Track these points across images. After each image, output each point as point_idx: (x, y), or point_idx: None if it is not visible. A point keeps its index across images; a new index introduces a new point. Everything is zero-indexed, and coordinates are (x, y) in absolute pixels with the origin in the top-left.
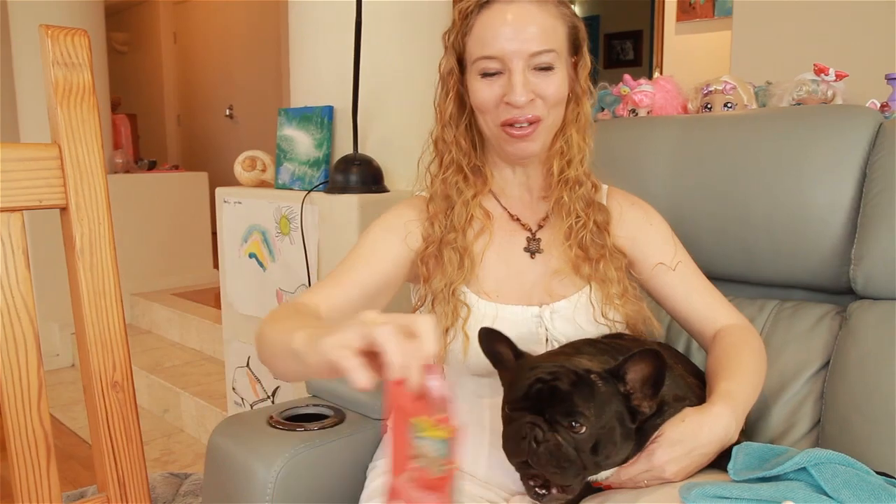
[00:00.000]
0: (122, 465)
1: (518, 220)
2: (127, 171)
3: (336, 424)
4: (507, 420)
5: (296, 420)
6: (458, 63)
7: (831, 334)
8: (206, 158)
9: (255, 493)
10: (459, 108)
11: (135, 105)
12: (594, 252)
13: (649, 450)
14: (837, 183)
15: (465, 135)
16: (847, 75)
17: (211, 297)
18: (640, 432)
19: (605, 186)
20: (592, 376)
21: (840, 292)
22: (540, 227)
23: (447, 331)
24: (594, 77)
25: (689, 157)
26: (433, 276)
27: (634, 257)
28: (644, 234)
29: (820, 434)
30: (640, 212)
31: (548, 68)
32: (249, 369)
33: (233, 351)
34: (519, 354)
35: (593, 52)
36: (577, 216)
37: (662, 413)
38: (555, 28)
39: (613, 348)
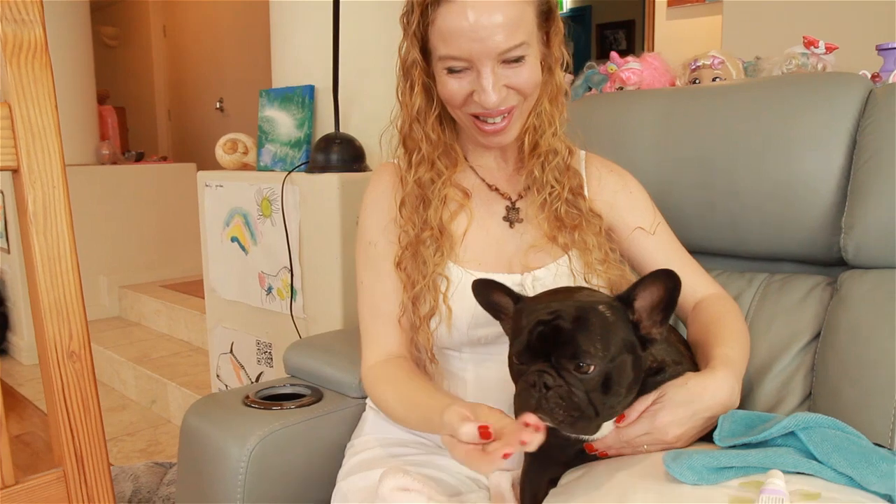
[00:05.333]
0: (80, 439)
1: (496, 189)
2: (114, 163)
3: (313, 403)
4: (517, 373)
5: (273, 400)
6: (422, 52)
7: (822, 305)
8: (196, 152)
9: (228, 472)
10: (427, 101)
11: (125, 99)
12: (570, 221)
13: (651, 410)
14: (827, 151)
15: (435, 126)
16: (837, 48)
17: (200, 289)
18: (641, 390)
19: (582, 153)
20: (600, 307)
21: (830, 263)
22: (520, 197)
23: (431, 318)
24: (579, 52)
25: (675, 129)
26: (411, 282)
27: (612, 222)
28: (622, 199)
29: (811, 406)
30: (618, 177)
31: (519, 59)
32: (233, 356)
33: (216, 337)
34: (518, 299)
35: (585, 42)
36: (552, 187)
37: (663, 372)
38: (522, 13)
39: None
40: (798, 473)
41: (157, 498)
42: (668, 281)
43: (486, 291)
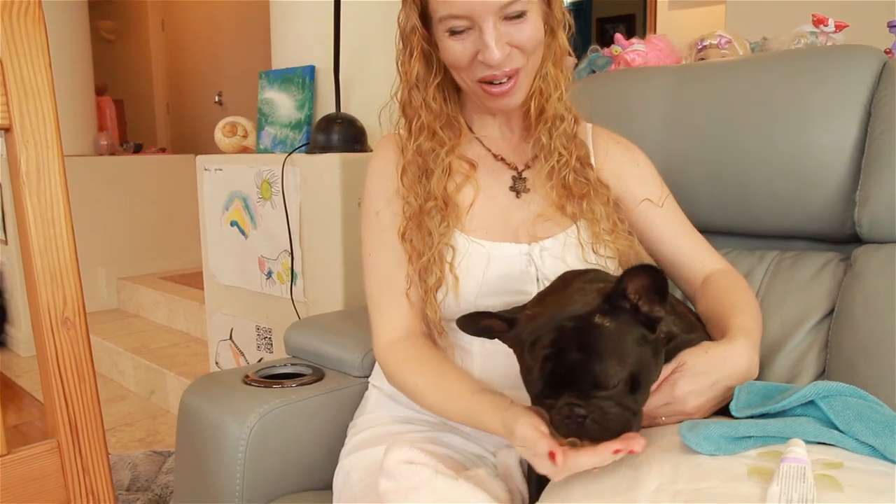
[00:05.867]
0: (75, 408)
1: (502, 159)
2: (112, 154)
3: (314, 382)
4: (546, 408)
5: (273, 379)
6: (421, 18)
7: (835, 281)
8: (195, 146)
9: (228, 450)
10: (426, 68)
11: (123, 93)
12: (577, 190)
13: (671, 380)
14: (840, 124)
15: (436, 94)
16: (847, 25)
17: (199, 280)
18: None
19: (588, 125)
20: (595, 319)
21: (843, 240)
22: (527, 167)
23: (438, 290)
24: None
25: (684, 106)
26: (417, 251)
27: (619, 194)
28: (629, 170)
29: None
30: (625, 150)
31: (520, 15)
32: (232, 342)
33: (215, 324)
34: (510, 321)
35: (585, 36)
36: (559, 154)
37: (676, 338)
38: None
39: (598, 273)
40: (819, 443)
41: (156, 486)
42: (648, 272)
43: (476, 323)
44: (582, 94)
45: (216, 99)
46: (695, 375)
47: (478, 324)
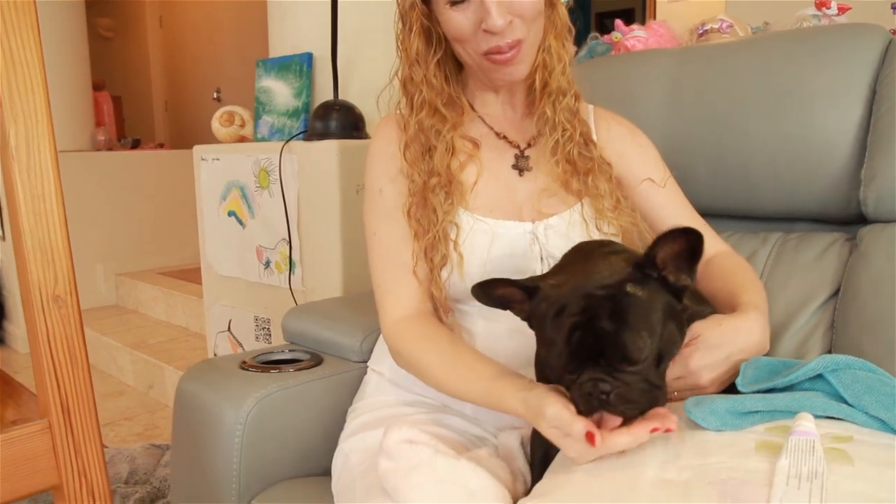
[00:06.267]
0: (66, 388)
1: (505, 137)
2: (110, 149)
3: (313, 367)
4: (568, 381)
5: (271, 365)
6: None
7: (840, 262)
8: (193, 142)
9: (224, 435)
10: (426, 44)
11: (121, 91)
12: (582, 165)
13: (684, 354)
14: (845, 103)
15: (437, 71)
16: (850, 8)
17: (198, 276)
18: None
19: (590, 107)
20: (627, 287)
21: (847, 221)
22: (529, 145)
23: (442, 268)
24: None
25: (686, 88)
26: (422, 228)
27: (621, 173)
28: (631, 150)
29: None
30: (627, 130)
31: None
32: (230, 333)
33: (214, 316)
34: (530, 290)
35: (585, 29)
36: (564, 129)
37: (687, 310)
38: None
39: (618, 244)
40: (828, 418)
41: (154, 479)
42: (689, 236)
43: (490, 291)
44: (582, 79)
45: (214, 95)
46: (709, 348)
47: (494, 292)
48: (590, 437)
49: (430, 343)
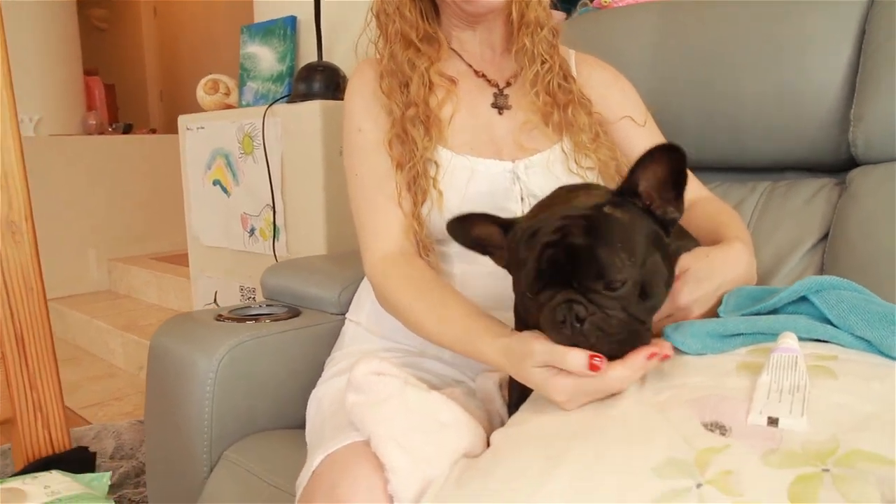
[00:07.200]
0: (21, 319)
1: (483, 76)
2: (101, 133)
3: (289, 319)
4: (537, 308)
5: (248, 317)
6: None
7: (829, 206)
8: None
9: (196, 384)
10: None
11: (116, 81)
12: (562, 97)
13: (672, 290)
14: (834, 44)
15: (412, 4)
16: None
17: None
18: None
19: (571, 51)
20: (605, 209)
21: (837, 168)
22: (508, 84)
23: (423, 205)
24: None
25: (671, 39)
26: (402, 160)
27: (601, 112)
28: (613, 93)
29: None
30: (610, 74)
31: None
32: (217, 306)
33: (200, 288)
34: (507, 225)
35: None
36: (543, 60)
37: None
38: None
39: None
40: (812, 340)
41: (140, 454)
42: (670, 155)
43: (466, 227)
44: (565, 36)
45: None
46: (698, 281)
47: (471, 230)
48: (592, 367)
49: (412, 283)
